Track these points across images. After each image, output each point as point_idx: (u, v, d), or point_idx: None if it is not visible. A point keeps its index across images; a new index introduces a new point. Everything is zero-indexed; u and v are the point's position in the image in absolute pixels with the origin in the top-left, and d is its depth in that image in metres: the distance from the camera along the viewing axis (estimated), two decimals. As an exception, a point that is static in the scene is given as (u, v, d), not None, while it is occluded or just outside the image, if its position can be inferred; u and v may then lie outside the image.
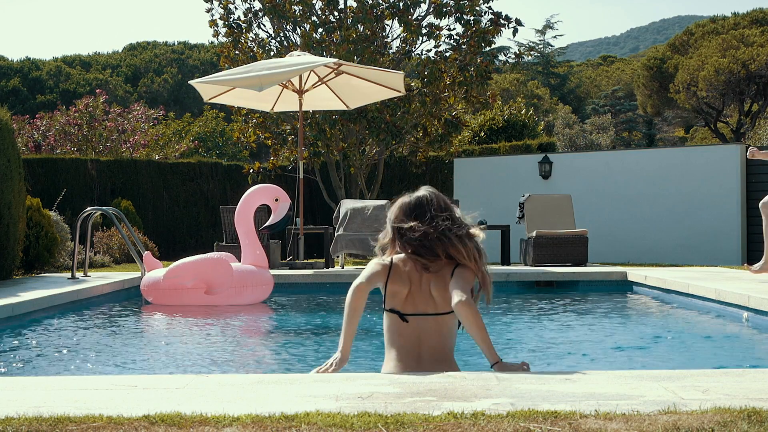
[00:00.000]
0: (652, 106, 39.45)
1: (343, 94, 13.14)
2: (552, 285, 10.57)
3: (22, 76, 48.60)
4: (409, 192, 4.15)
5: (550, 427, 2.85)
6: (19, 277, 10.56)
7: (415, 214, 4.03)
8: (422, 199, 4.08)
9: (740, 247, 14.74)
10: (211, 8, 17.48)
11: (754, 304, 7.10)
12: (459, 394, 3.36)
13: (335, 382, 3.66)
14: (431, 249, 3.98)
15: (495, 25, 16.64)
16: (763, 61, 31.41)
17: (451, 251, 3.98)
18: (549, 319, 7.93)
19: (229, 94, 12.57)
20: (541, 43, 58.32)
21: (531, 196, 13.80)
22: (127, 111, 24.39)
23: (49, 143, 22.21)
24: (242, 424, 2.92)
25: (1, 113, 10.18)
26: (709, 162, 15.29)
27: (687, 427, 2.83)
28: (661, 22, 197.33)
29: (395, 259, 4.05)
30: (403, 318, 3.98)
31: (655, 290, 9.54)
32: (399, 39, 17.19)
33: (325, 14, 16.83)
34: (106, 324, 7.66)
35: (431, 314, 3.99)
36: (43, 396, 3.48)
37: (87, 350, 6.19)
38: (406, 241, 4.01)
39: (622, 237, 15.61)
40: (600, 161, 16.73)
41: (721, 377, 3.78)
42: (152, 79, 51.54)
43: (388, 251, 4.11)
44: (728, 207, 14.88)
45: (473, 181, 17.26)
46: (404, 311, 3.99)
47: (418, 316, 3.98)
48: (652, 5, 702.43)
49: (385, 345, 4.05)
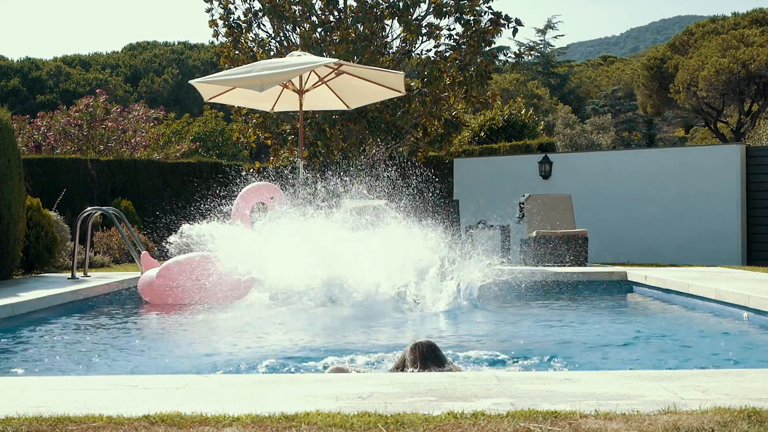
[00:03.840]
0: (652, 106, 39.44)
1: (344, 94, 13.14)
2: (552, 285, 10.56)
3: (22, 76, 48.59)
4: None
5: (550, 427, 2.85)
6: (19, 277, 10.56)
7: None
8: None
9: (740, 247, 14.74)
10: (211, 8, 17.47)
11: (754, 304, 7.10)
12: (459, 394, 3.36)
13: (335, 382, 3.66)
14: None
15: (495, 25, 16.63)
16: (763, 61, 31.41)
17: None
18: (549, 319, 7.93)
19: (230, 94, 12.57)
20: (541, 43, 58.29)
21: (531, 196, 13.80)
22: (127, 111, 24.39)
23: (49, 143, 22.21)
24: (242, 424, 2.92)
25: (1, 113, 10.18)
26: (709, 162, 15.29)
27: (687, 427, 2.82)
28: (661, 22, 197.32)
29: None
30: None
31: (655, 290, 9.53)
32: (399, 39, 17.19)
33: (325, 14, 16.82)
34: (105, 324, 7.66)
35: None
36: (43, 396, 3.48)
37: (87, 350, 6.19)
38: None
39: (622, 237, 15.60)
40: (600, 161, 16.73)
41: (721, 377, 3.78)
42: (152, 79, 51.53)
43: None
44: (728, 207, 14.87)
45: (473, 181, 17.26)
46: None
47: None
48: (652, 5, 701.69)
49: None
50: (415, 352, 4.66)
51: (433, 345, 4.74)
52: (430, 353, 4.65)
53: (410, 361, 4.64)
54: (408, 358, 4.67)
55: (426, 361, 4.60)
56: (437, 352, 4.70)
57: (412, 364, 4.62)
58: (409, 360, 4.65)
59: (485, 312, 8.15)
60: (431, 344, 4.74)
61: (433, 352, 4.67)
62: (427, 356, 4.62)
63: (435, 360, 4.62)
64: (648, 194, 15.63)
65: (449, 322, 7.76)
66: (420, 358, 4.61)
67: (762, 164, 14.87)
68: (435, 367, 4.56)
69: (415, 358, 4.62)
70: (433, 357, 4.63)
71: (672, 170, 15.54)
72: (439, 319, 7.88)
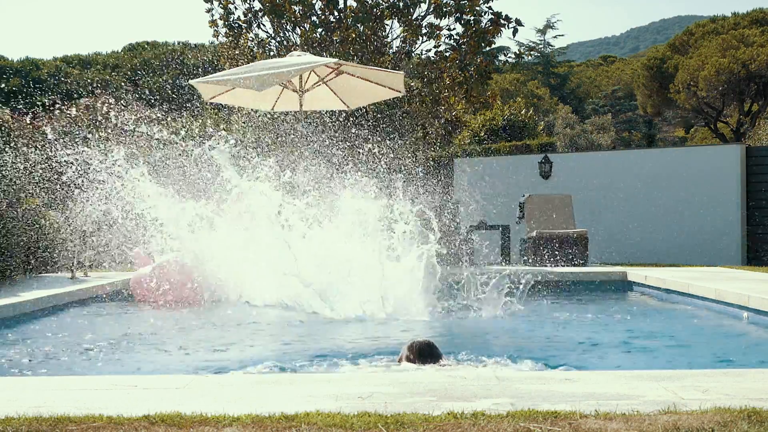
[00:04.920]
0: (652, 106, 39.43)
1: (344, 94, 13.13)
2: (552, 285, 10.55)
3: (22, 76, 48.60)
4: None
5: (550, 427, 2.85)
6: (19, 277, 10.55)
7: None
8: None
9: (740, 247, 14.74)
10: (211, 8, 17.47)
11: (754, 304, 7.10)
12: (459, 394, 3.36)
13: (335, 382, 3.66)
14: None
15: (495, 25, 16.62)
16: (763, 61, 31.41)
17: None
18: (548, 319, 7.92)
19: (230, 94, 12.57)
20: (541, 43, 58.29)
21: (531, 196, 13.79)
22: (126, 111, 24.38)
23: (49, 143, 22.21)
24: (242, 424, 2.92)
25: (1, 113, 10.17)
26: (709, 162, 15.29)
27: (687, 427, 2.82)
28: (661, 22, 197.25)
29: None
30: None
31: (655, 290, 9.53)
32: (399, 39, 17.19)
33: (325, 14, 16.82)
34: (105, 324, 7.66)
35: None
36: (43, 396, 3.48)
37: (87, 350, 6.18)
38: None
39: (622, 237, 15.60)
40: (600, 161, 16.73)
41: (721, 377, 3.78)
42: (152, 79, 51.53)
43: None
44: (728, 207, 14.87)
45: (473, 181, 17.25)
46: None
47: None
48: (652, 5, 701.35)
49: None
50: (413, 348, 4.93)
51: (430, 342, 5.03)
52: (427, 349, 4.93)
53: (406, 356, 4.91)
54: (405, 354, 4.94)
55: (423, 357, 4.85)
56: (433, 349, 4.97)
57: (407, 359, 4.88)
58: (405, 356, 4.93)
59: (485, 312, 8.14)
60: (428, 342, 5.03)
61: (429, 348, 4.95)
62: (423, 353, 4.89)
63: (431, 355, 4.89)
64: (648, 194, 15.63)
65: (443, 324, 7.75)
66: (417, 354, 4.88)
67: (762, 164, 14.87)
68: (431, 361, 4.82)
69: (412, 354, 4.89)
70: (429, 353, 4.90)
71: (672, 170, 15.54)
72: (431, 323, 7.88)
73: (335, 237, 8.71)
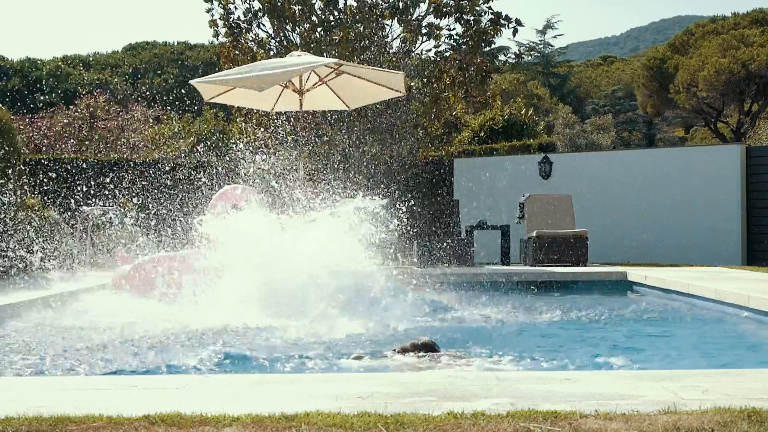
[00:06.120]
0: (652, 106, 39.44)
1: (344, 94, 13.13)
2: (552, 285, 10.56)
3: (22, 76, 48.60)
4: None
5: (550, 427, 2.85)
6: (18, 277, 10.56)
7: None
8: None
9: (740, 247, 14.74)
10: (211, 8, 17.47)
11: (754, 304, 7.10)
12: (459, 394, 3.37)
13: (335, 382, 3.66)
14: None
15: (495, 25, 16.63)
16: (763, 61, 31.41)
17: None
18: (548, 319, 7.93)
19: (230, 94, 12.57)
20: (541, 43, 58.26)
21: (531, 196, 13.80)
22: (127, 111, 24.39)
23: (49, 143, 22.21)
24: (242, 424, 2.92)
25: (2, 113, 10.18)
26: (709, 162, 15.30)
27: (687, 427, 2.83)
28: (661, 22, 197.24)
29: None
30: None
31: (655, 290, 9.53)
32: (399, 39, 17.19)
33: (325, 14, 16.82)
34: (105, 323, 7.65)
35: None
36: (43, 396, 3.48)
37: (87, 350, 6.18)
38: None
39: (622, 237, 15.60)
40: (600, 161, 16.73)
41: (721, 377, 3.78)
42: (152, 79, 51.54)
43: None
44: (728, 207, 14.87)
45: (473, 181, 17.26)
46: None
47: None
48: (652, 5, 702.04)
49: None
50: (415, 345, 5.57)
51: (429, 341, 5.65)
52: (426, 345, 5.59)
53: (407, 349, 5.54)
54: (407, 346, 5.57)
55: (423, 347, 5.53)
56: (433, 346, 5.58)
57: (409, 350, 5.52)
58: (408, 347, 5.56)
59: (485, 312, 8.14)
60: (428, 341, 5.66)
61: (427, 346, 5.59)
62: (421, 347, 5.54)
63: (430, 346, 5.55)
64: (648, 194, 15.64)
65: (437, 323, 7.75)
66: (418, 347, 5.55)
67: (762, 164, 14.87)
68: (430, 351, 5.44)
69: (414, 346, 5.53)
70: (428, 346, 5.56)
71: (672, 170, 15.55)
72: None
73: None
